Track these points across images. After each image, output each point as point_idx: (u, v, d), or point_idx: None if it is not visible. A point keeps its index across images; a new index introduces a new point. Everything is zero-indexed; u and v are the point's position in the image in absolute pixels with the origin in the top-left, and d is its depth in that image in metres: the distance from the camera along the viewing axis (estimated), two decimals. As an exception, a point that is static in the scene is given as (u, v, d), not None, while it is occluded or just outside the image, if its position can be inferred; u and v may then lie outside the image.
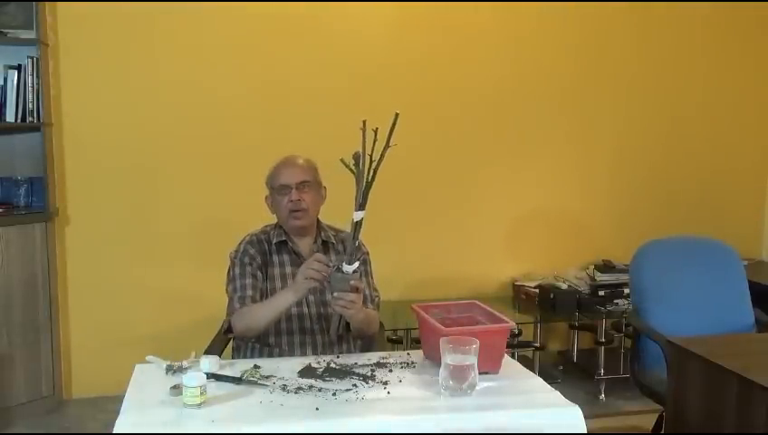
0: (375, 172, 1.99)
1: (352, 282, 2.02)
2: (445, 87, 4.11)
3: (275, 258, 2.35)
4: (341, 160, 1.98)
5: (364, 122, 1.97)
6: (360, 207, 2.01)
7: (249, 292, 2.26)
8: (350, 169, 1.98)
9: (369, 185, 2.00)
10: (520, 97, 4.22)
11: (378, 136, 1.95)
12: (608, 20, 4.26)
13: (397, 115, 1.94)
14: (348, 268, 2.02)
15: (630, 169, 4.41)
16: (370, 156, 1.98)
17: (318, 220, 2.41)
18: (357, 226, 2.02)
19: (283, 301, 2.14)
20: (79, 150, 3.75)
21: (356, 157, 1.98)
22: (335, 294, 2.04)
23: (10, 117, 3.49)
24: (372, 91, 4.02)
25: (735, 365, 2.00)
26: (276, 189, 2.31)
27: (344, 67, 3.97)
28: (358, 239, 2.05)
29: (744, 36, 4.48)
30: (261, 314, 2.17)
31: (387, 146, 1.95)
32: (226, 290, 2.33)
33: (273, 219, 2.43)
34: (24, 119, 3.51)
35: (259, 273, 2.31)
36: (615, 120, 4.37)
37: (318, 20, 3.90)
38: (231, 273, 2.34)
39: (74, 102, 3.72)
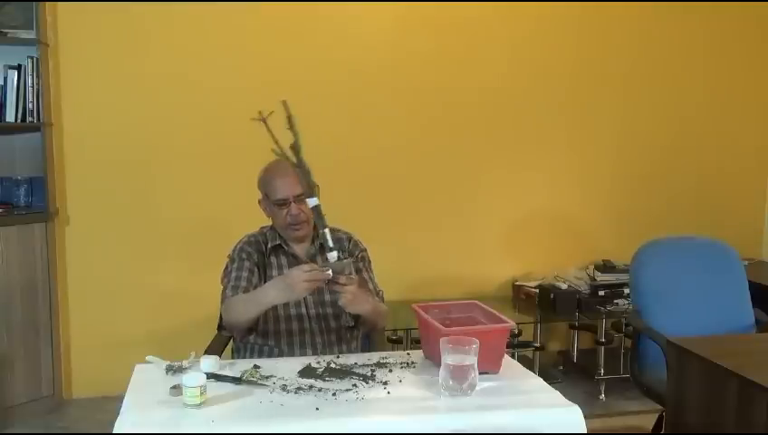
0: (301, 160, 2.07)
1: (329, 271, 2.01)
2: (445, 87, 4.11)
3: (273, 260, 2.36)
4: (273, 150, 2.05)
5: (260, 113, 2.05)
6: (310, 194, 2.06)
7: (243, 283, 2.25)
8: (287, 158, 2.06)
9: (307, 172, 2.08)
10: (520, 98, 4.22)
11: (292, 122, 2.05)
12: (607, 21, 4.26)
13: (284, 102, 2.06)
14: (331, 256, 2.04)
15: (630, 170, 4.42)
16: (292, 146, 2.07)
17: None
18: (315, 212, 2.07)
19: (272, 298, 2.11)
20: (79, 150, 3.75)
21: (294, 147, 2.07)
22: (329, 286, 2.08)
23: (10, 117, 3.50)
24: (372, 91, 4.02)
25: (735, 365, 2.00)
26: (273, 202, 2.31)
27: (344, 67, 3.97)
28: (326, 226, 2.06)
29: (744, 36, 4.48)
30: (244, 308, 2.16)
31: (295, 133, 2.04)
32: (221, 282, 2.33)
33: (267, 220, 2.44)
34: (24, 119, 3.51)
35: (256, 269, 2.31)
36: (615, 121, 4.37)
37: (317, 20, 3.90)
38: (227, 268, 2.35)
39: (74, 102, 3.72)
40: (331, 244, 2.05)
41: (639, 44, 4.34)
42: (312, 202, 2.07)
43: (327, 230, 2.06)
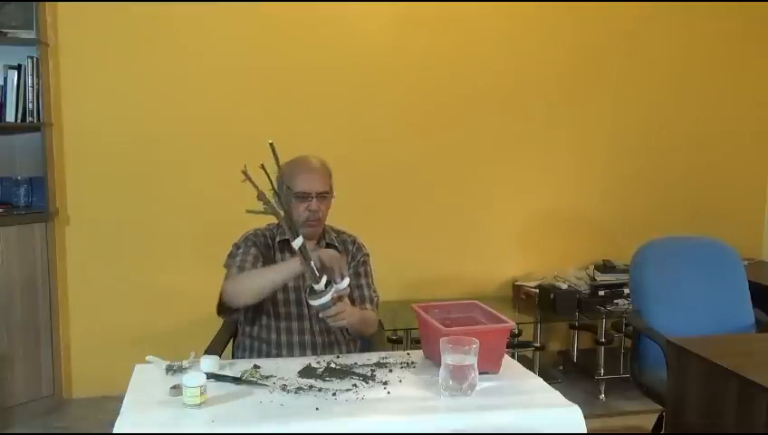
0: (287, 203, 2.03)
1: (326, 298, 1.97)
2: (444, 88, 4.11)
3: (278, 256, 2.36)
4: (248, 211, 2.00)
5: (244, 173, 1.95)
6: (296, 234, 1.98)
7: (248, 265, 2.24)
8: (264, 212, 1.99)
9: (287, 214, 2.01)
10: (519, 98, 4.22)
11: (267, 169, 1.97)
12: (608, 20, 4.26)
13: (271, 144, 1.96)
14: (318, 286, 1.97)
15: (630, 169, 4.42)
16: (275, 190, 2.01)
17: None
18: (302, 251, 1.98)
19: (287, 269, 2.10)
20: (79, 150, 3.75)
21: (260, 197, 1.98)
22: (320, 314, 2.03)
23: (10, 117, 3.49)
24: (373, 90, 4.02)
25: (735, 365, 2.00)
26: (295, 194, 2.29)
27: (347, 66, 3.97)
28: (312, 260, 1.98)
29: (744, 35, 4.48)
30: (259, 276, 2.14)
31: (280, 174, 2.00)
32: (225, 265, 2.32)
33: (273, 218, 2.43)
34: (24, 119, 3.51)
35: (261, 257, 2.31)
36: (615, 121, 4.37)
37: (318, 19, 3.90)
38: (233, 253, 2.34)
39: (74, 102, 3.72)
40: (318, 273, 1.98)
41: (640, 43, 4.34)
42: (297, 243, 1.97)
43: (313, 264, 1.99)
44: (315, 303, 1.99)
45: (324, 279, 1.98)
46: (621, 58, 4.33)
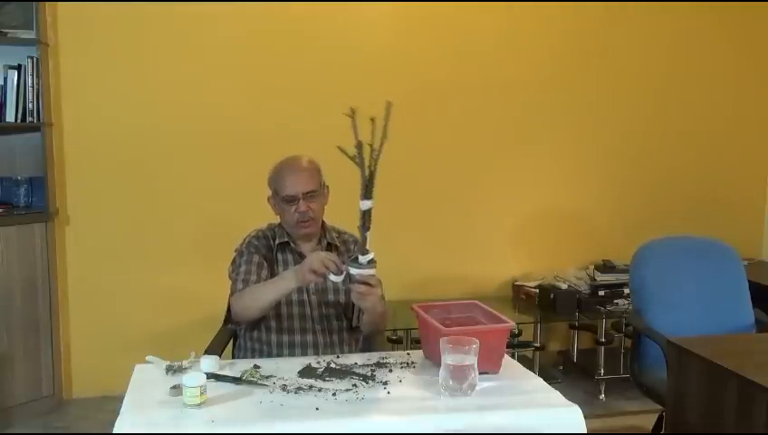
0: (376, 163, 1.94)
1: (360, 273, 1.97)
2: (444, 87, 4.11)
3: (279, 257, 2.36)
4: (339, 148, 1.93)
5: (352, 110, 1.91)
6: (366, 196, 1.95)
7: (253, 277, 2.25)
8: (350, 158, 1.94)
9: (372, 175, 1.94)
10: (520, 97, 4.22)
11: (375, 125, 1.92)
12: (605, 20, 4.26)
13: (389, 104, 1.91)
14: (363, 259, 1.99)
15: (630, 169, 4.42)
16: (371, 145, 1.94)
17: (323, 222, 2.41)
18: (365, 215, 1.97)
19: (283, 286, 2.12)
20: (79, 150, 3.75)
21: (358, 146, 1.95)
22: (349, 285, 2.02)
23: (10, 117, 3.50)
24: (374, 90, 4.00)
25: (735, 365, 2.00)
26: (282, 198, 2.31)
27: (346, 66, 3.97)
28: (368, 229, 1.99)
29: (745, 35, 4.48)
30: (260, 294, 2.16)
31: (384, 137, 1.92)
32: (230, 277, 2.33)
33: (275, 218, 2.43)
34: (24, 119, 3.51)
35: (265, 263, 2.31)
36: (615, 120, 4.37)
37: (319, 19, 3.91)
38: (236, 262, 2.35)
39: (74, 102, 3.72)
40: (365, 246, 1.99)
41: (640, 44, 4.33)
42: (364, 205, 1.96)
43: (368, 234, 2.00)
44: (354, 271, 1.98)
45: (371, 255, 1.99)
46: (620, 58, 4.32)
